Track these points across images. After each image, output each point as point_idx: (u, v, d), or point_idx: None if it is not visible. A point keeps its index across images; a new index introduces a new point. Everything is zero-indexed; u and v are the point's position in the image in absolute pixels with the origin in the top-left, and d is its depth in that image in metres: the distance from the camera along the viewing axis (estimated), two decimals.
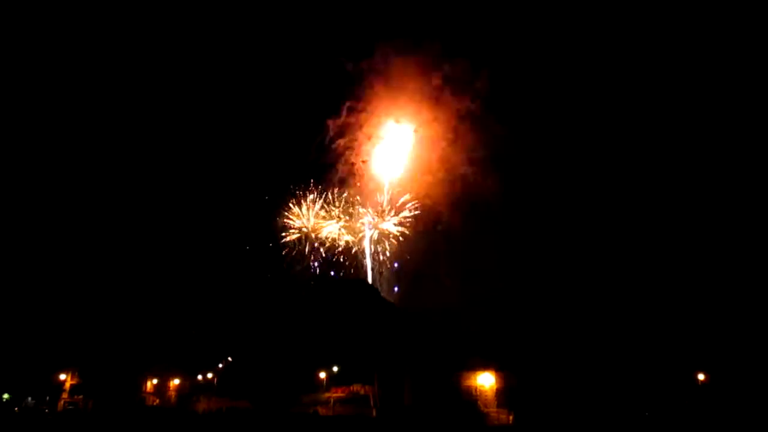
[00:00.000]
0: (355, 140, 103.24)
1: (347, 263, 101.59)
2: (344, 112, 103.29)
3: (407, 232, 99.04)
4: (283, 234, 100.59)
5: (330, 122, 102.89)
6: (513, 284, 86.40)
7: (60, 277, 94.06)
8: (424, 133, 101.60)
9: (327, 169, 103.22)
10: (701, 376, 63.96)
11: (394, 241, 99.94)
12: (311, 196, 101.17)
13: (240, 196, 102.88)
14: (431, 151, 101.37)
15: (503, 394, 65.96)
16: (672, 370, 65.95)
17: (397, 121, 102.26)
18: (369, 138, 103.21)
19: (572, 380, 65.40)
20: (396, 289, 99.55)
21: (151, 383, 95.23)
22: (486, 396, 66.60)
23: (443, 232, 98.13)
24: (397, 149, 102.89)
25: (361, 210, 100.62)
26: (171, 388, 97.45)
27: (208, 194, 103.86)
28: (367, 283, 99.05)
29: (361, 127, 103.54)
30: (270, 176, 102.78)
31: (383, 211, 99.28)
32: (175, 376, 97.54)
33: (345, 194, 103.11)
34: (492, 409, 65.75)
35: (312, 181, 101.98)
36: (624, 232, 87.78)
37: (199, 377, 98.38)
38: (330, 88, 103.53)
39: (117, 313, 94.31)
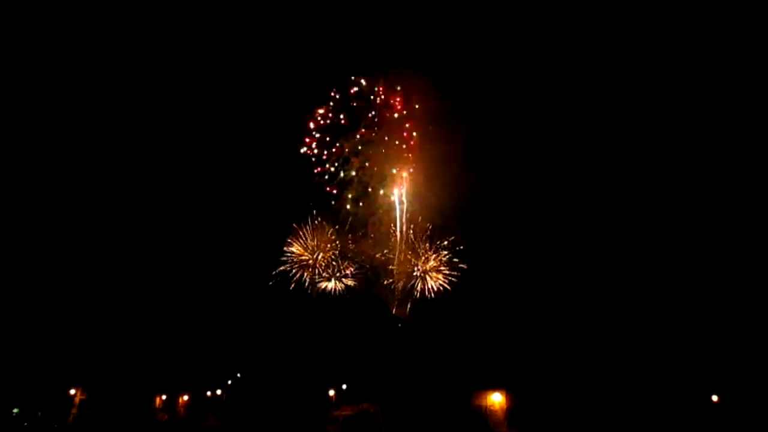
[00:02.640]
0: (367, 161, 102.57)
1: (359, 280, 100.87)
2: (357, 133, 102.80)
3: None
4: (294, 252, 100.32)
5: (343, 141, 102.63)
6: (525, 302, 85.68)
7: (71, 292, 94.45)
8: (432, 153, 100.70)
9: (341, 190, 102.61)
10: (715, 398, 63.14)
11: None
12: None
13: (251, 214, 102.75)
14: (440, 169, 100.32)
15: (513, 413, 65.50)
16: (686, 390, 65.07)
17: (407, 140, 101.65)
18: (381, 159, 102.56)
19: (584, 400, 64.73)
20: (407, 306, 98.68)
21: (161, 399, 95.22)
22: (496, 415, 66.21)
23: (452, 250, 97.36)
24: (407, 168, 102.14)
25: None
26: (180, 404, 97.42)
27: (218, 211, 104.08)
28: (378, 299, 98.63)
29: (373, 148, 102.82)
30: (282, 196, 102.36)
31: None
32: (184, 392, 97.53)
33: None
34: (502, 429, 65.31)
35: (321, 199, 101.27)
36: (638, 250, 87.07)
37: (209, 393, 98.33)
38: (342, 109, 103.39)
39: (127, 328, 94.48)
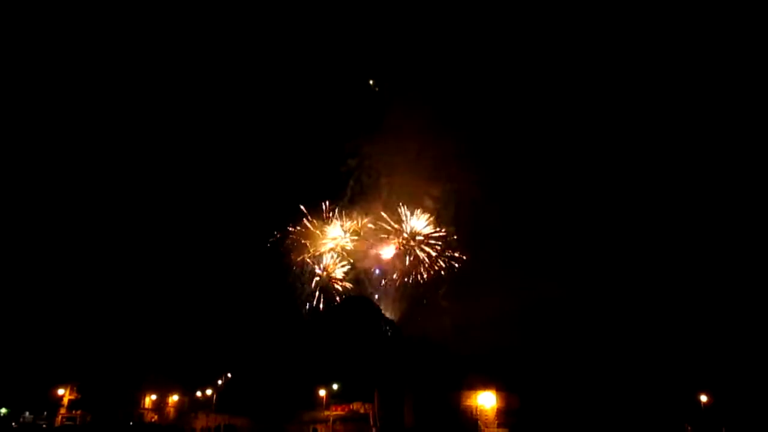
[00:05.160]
0: (368, 158, 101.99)
1: (350, 281, 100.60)
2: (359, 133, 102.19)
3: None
4: (289, 250, 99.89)
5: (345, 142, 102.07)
6: (515, 303, 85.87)
7: (59, 292, 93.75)
8: (434, 155, 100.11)
9: (339, 188, 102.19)
10: (704, 398, 63.50)
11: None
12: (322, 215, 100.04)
13: (245, 209, 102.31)
14: (438, 172, 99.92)
15: (504, 414, 65.54)
16: (674, 390, 65.42)
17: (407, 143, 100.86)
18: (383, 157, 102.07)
19: (575, 401, 64.89)
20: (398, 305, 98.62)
21: (150, 399, 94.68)
22: (486, 416, 66.12)
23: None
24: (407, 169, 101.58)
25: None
26: (170, 405, 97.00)
27: (211, 206, 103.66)
28: (369, 300, 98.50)
29: (374, 144, 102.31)
30: (278, 192, 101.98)
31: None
32: (173, 392, 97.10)
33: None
34: (492, 429, 65.36)
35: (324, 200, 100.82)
36: (625, 250, 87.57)
37: (198, 394, 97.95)
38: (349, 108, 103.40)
39: (116, 328, 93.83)
